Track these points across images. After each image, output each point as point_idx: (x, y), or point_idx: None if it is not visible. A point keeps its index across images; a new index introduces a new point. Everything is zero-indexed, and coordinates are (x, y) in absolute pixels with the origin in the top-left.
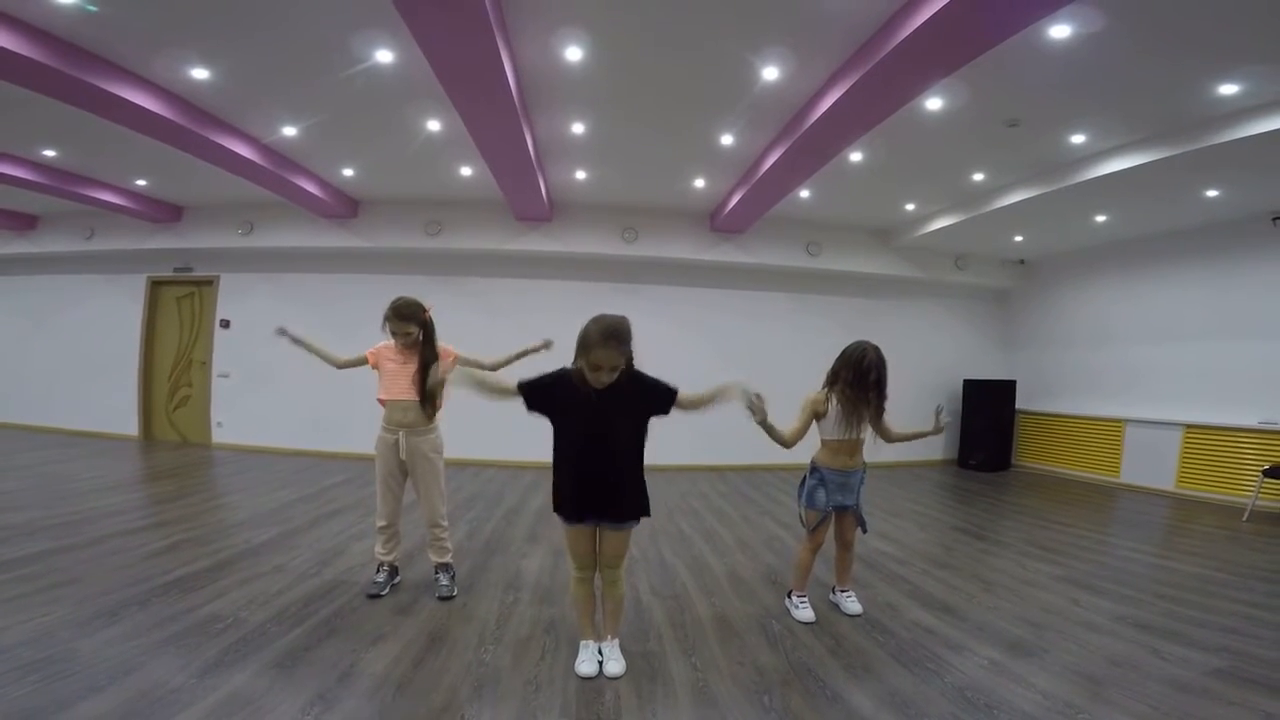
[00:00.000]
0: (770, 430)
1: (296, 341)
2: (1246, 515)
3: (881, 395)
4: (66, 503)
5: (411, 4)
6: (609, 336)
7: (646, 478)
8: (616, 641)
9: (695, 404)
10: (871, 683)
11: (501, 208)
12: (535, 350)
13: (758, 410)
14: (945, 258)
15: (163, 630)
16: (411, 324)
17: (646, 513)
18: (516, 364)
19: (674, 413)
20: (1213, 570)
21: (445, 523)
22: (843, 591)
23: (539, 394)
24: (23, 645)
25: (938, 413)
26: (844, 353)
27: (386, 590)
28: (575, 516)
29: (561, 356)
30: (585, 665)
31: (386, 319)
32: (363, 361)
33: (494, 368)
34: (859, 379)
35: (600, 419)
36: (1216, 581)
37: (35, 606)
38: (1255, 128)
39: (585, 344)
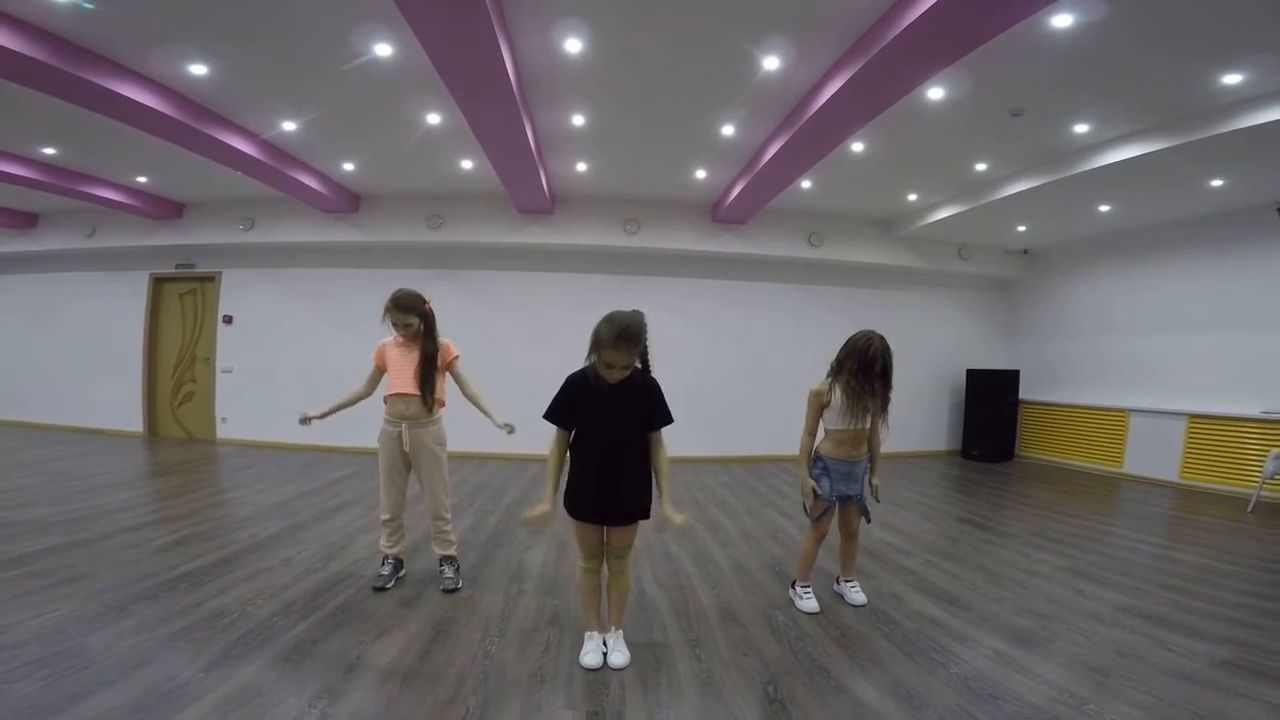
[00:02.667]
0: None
1: (324, 416)
2: (1251, 506)
3: (887, 386)
4: (74, 499)
5: None
6: (620, 338)
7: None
8: (621, 632)
9: (657, 464)
10: (876, 673)
11: (503, 200)
12: (499, 425)
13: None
14: (948, 248)
15: (171, 625)
16: (411, 315)
17: (648, 515)
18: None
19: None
20: (1217, 561)
21: (449, 515)
22: (847, 582)
23: (565, 414)
24: (33, 641)
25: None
26: (849, 342)
27: (391, 583)
28: (587, 515)
29: (569, 354)
30: (590, 656)
31: (386, 311)
32: (379, 371)
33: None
34: (864, 369)
35: (613, 413)
36: (1221, 572)
37: (45, 602)
38: (1259, 117)
39: (598, 343)
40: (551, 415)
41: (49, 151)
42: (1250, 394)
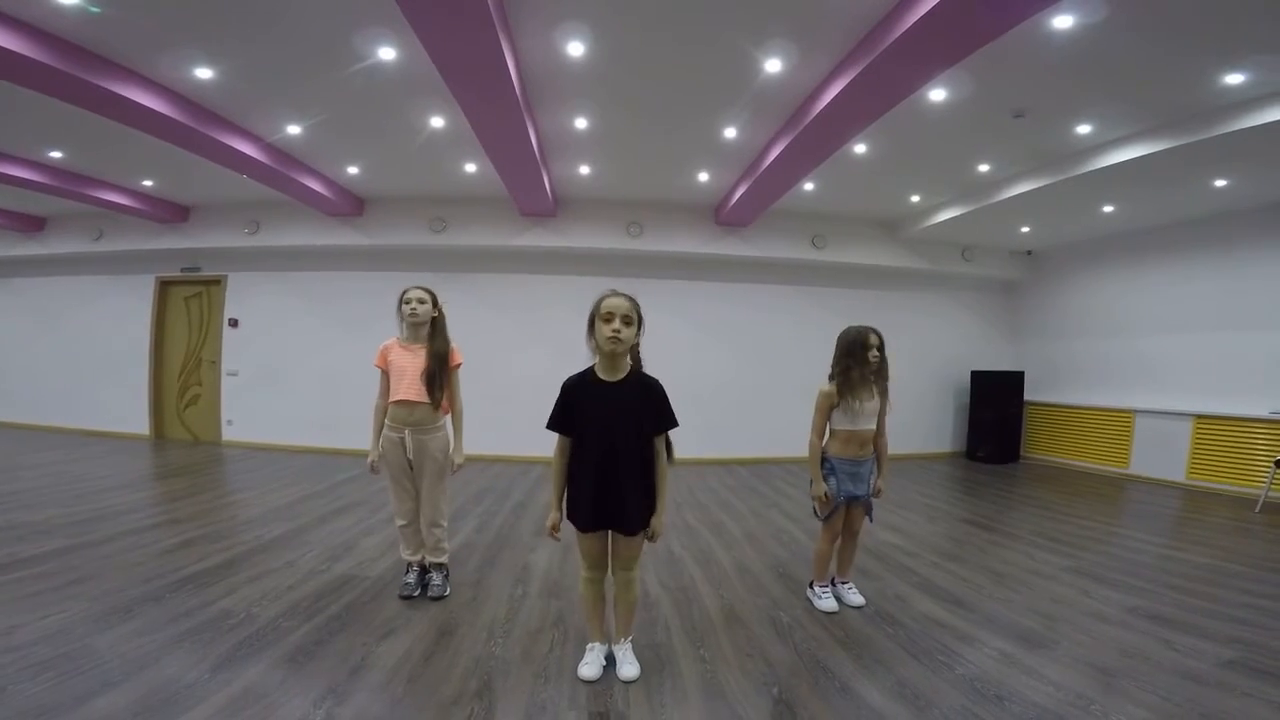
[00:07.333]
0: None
1: (378, 446)
2: (1258, 507)
3: (883, 362)
4: (81, 501)
5: (414, 1)
6: (615, 292)
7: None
8: (630, 643)
9: (660, 470)
10: (881, 674)
11: (506, 204)
12: (455, 452)
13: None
14: (952, 249)
15: (176, 626)
16: (426, 296)
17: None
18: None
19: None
20: (1224, 561)
21: (445, 524)
22: (843, 583)
23: (565, 418)
24: (39, 642)
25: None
26: (840, 338)
27: (418, 591)
28: (591, 525)
29: (571, 357)
30: (588, 668)
31: (402, 299)
32: (387, 376)
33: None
34: (855, 353)
35: (613, 413)
36: (1228, 573)
37: (52, 603)
38: (1263, 117)
39: (595, 308)
40: (553, 423)
41: (55, 155)
42: (1257, 394)
